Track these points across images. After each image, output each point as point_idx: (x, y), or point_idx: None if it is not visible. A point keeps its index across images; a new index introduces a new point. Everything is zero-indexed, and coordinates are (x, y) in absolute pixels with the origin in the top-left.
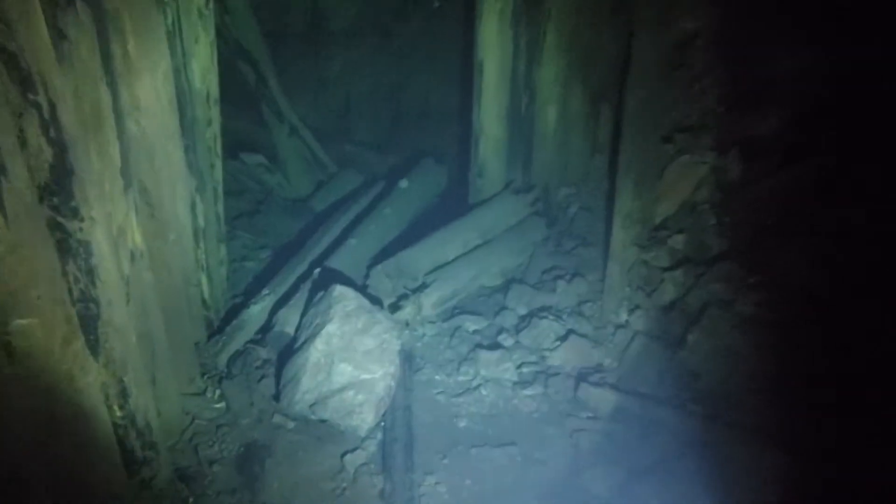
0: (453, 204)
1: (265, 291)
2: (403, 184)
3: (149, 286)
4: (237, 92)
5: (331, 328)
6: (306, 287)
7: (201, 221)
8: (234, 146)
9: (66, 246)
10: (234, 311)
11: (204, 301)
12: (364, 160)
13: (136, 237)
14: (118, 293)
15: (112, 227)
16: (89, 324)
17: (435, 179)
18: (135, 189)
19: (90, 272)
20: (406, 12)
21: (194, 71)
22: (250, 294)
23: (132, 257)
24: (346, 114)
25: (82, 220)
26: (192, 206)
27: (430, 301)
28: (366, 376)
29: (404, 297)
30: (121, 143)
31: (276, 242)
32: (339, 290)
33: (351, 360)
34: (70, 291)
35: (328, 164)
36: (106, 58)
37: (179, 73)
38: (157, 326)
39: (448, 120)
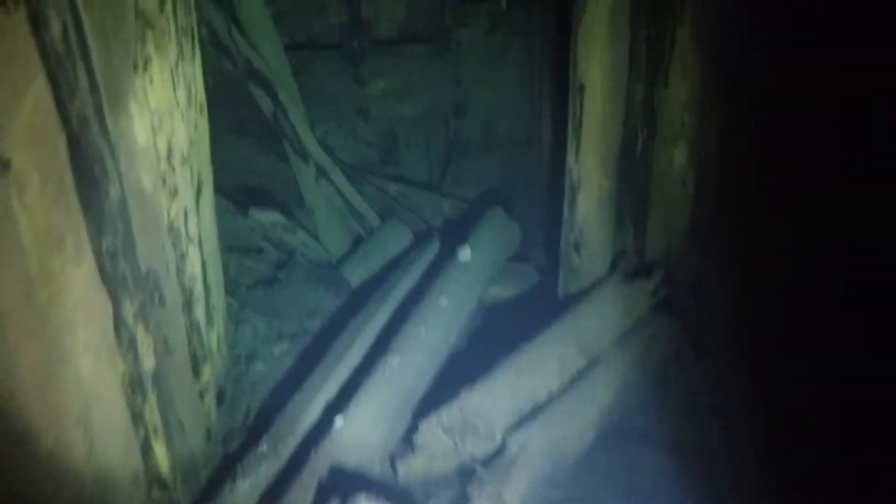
0: (533, 278)
1: (261, 446)
2: (464, 254)
3: None
4: (256, 120)
5: None
6: (316, 461)
7: (148, 363)
8: (250, 192)
9: None
10: (221, 472)
11: (160, 481)
12: (413, 204)
13: None
14: None
15: None
16: None
17: (505, 240)
18: None
19: None
20: (466, 16)
21: (134, 124)
22: (245, 443)
23: None
24: (392, 145)
25: None
26: (130, 346)
27: (516, 491)
28: None
29: (471, 473)
30: None
31: (296, 328)
32: None
33: None
34: None
35: (366, 214)
36: None
37: (87, 123)
38: None
39: (519, 152)
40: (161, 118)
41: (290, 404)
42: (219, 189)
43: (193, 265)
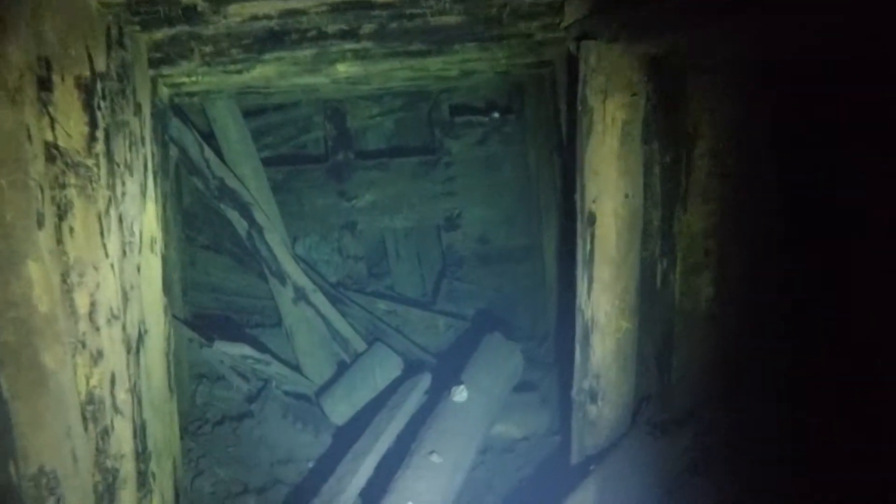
0: (539, 412)
1: None
2: (460, 395)
3: None
4: (232, 237)
5: None
6: None
7: None
8: (227, 311)
9: None
10: None
11: None
12: (404, 324)
13: None
14: None
15: None
16: None
17: (507, 371)
18: None
19: None
20: (456, 127)
21: (33, 289)
22: None
23: None
24: (380, 260)
25: None
26: None
27: None
28: None
29: None
30: None
31: (266, 479)
32: None
33: None
34: None
35: (350, 338)
36: None
37: None
38: None
39: (518, 267)
40: (82, 273)
41: None
42: (194, 308)
43: (121, 441)
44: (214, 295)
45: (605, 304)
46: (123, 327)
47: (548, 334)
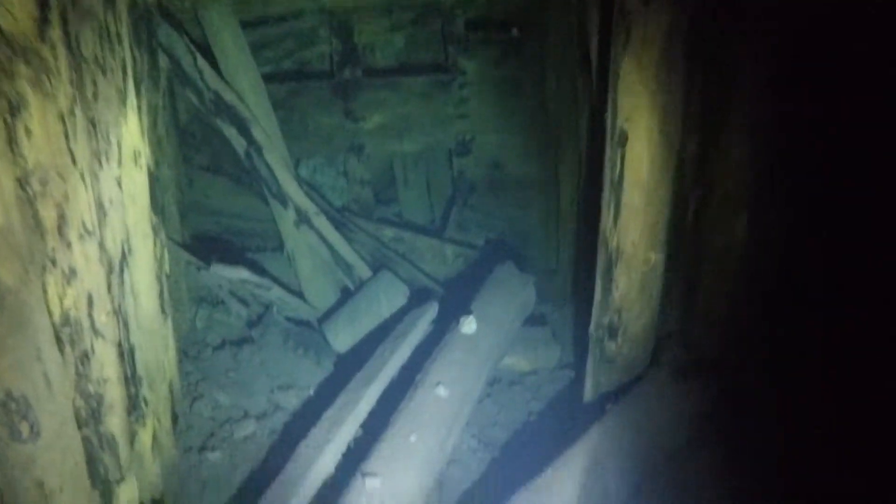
0: (550, 345)
1: None
2: (469, 327)
3: None
4: (231, 157)
5: None
6: None
7: None
8: (227, 235)
9: None
10: None
11: None
12: (411, 251)
13: None
14: None
15: None
16: None
17: (518, 303)
18: None
19: None
20: (472, 45)
21: None
22: None
23: None
24: (388, 185)
25: None
26: None
27: None
28: None
29: None
30: None
31: (265, 405)
32: None
33: None
34: None
35: (355, 264)
36: None
37: None
38: None
39: (532, 195)
40: (45, 180)
41: None
42: (192, 231)
43: (103, 365)
44: (214, 217)
45: (633, 232)
46: (101, 244)
47: (561, 267)
